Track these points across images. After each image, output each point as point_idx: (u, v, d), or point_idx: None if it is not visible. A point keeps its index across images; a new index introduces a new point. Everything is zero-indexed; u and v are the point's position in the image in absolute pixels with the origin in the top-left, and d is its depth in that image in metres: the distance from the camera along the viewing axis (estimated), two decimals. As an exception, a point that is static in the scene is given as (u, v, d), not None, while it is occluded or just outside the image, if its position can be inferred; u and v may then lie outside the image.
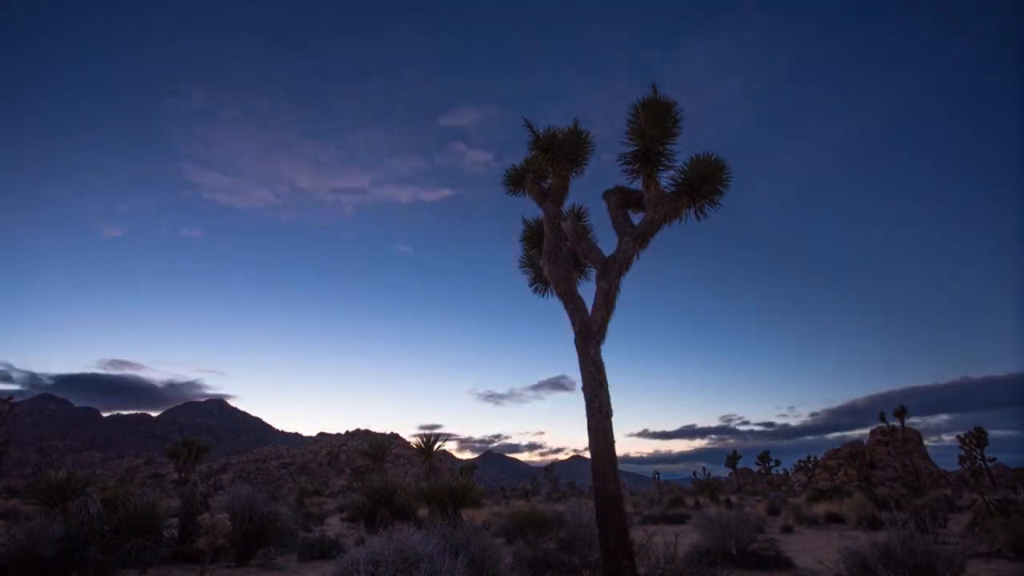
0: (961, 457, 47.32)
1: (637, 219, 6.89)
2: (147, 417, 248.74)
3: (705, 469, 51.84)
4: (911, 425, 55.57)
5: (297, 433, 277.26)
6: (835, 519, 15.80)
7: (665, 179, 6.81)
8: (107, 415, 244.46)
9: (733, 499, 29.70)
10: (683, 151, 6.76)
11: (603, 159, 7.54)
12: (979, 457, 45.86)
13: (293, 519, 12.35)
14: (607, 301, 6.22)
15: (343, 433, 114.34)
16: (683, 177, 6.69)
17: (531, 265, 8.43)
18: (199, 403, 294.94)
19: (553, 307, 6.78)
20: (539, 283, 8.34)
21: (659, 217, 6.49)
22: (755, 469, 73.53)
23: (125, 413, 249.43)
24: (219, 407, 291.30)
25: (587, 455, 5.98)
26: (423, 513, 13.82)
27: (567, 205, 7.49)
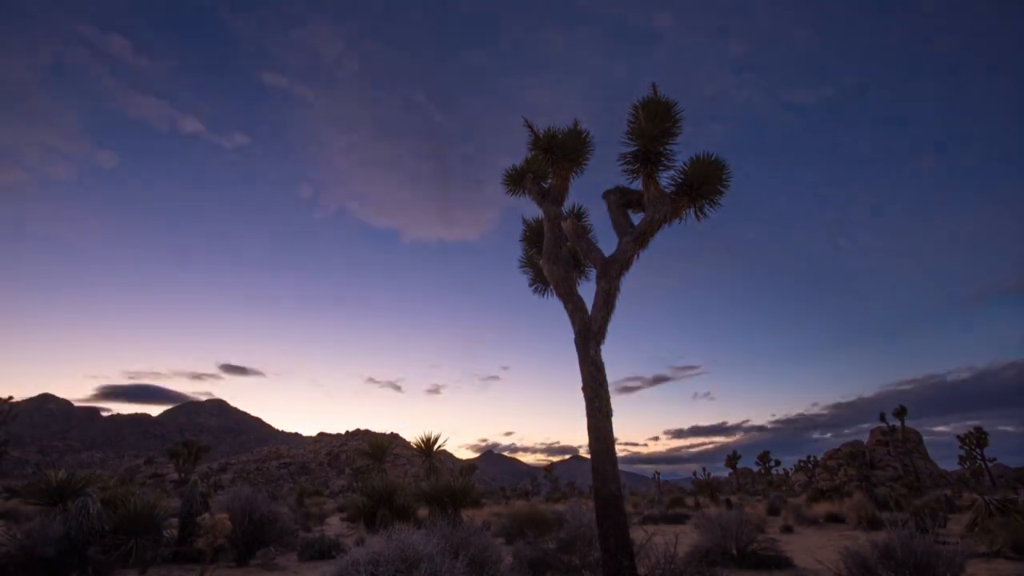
0: (961, 457, 47.33)
1: (637, 219, 6.89)
2: (147, 417, 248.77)
3: (705, 469, 51.85)
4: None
5: (297, 433, 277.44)
6: (835, 519, 15.79)
7: (665, 179, 6.81)
8: (107, 415, 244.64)
9: (733, 499, 29.70)
10: (683, 151, 6.77)
11: (603, 159, 7.52)
12: (979, 457, 45.86)
13: (293, 519, 12.37)
14: (607, 301, 6.22)
15: (343, 433, 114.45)
16: (683, 177, 6.69)
17: (531, 265, 8.43)
18: (199, 403, 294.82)
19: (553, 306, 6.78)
20: (539, 283, 8.35)
21: (659, 217, 6.49)
22: (755, 469, 73.57)
23: (125, 413, 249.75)
24: (219, 407, 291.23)
25: (587, 455, 5.98)
26: (423, 513, 13.82)
27: (567, 205, 7.50)
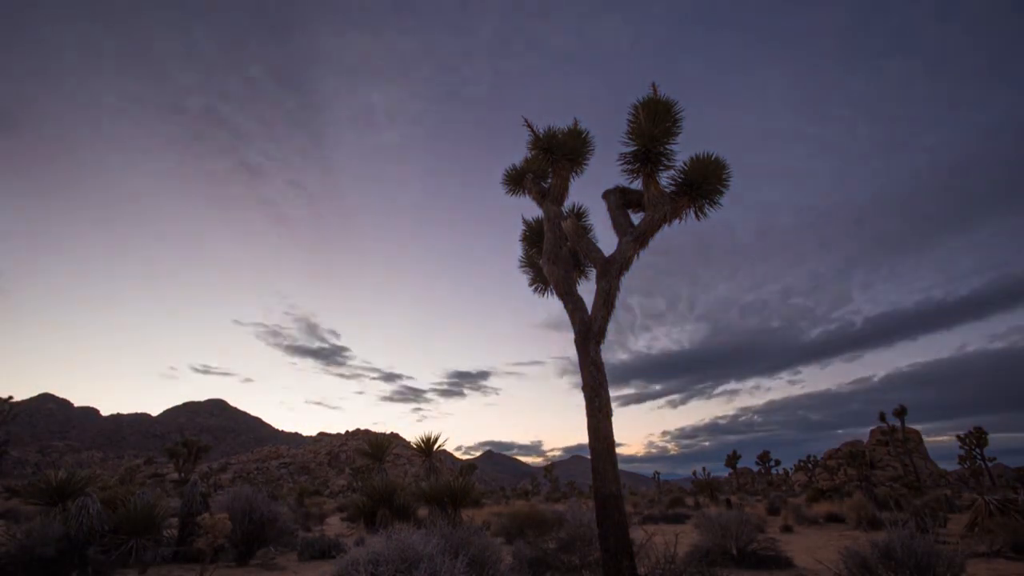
0: (961, 457, 47.30)
1: (637, 219, 6.88)
2: (147, 417, 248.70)
3: (705, 469, 51.84)
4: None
5: (297, 433, 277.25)
6: (835, 519, 15.79)
7: (665, 179, 6.81)
8: (107, 415, 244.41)
9: (733, 499, 29.69)
10: (683, 150, 6.77)
11: (603, 158, 7.52)
12: (979, 457, 45.84)
13: (293, 519, 12.38)
14: (607, 301, 6.22)
15: (343, 433, 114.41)
16: (683, 177, 6.68)
17: (531, 265, 8.43)
18: (199, 403, 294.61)
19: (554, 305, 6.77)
20: (539, 283, 8.34)
21: (659, 217, 6.48)
22: (755, 469, 73.58)
23: (125, 413, 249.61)
24: (219, 407, 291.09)
25: (587, 455, 5.98)
26: (423, 513, 13.82)
27: (567, 205, 7.49)
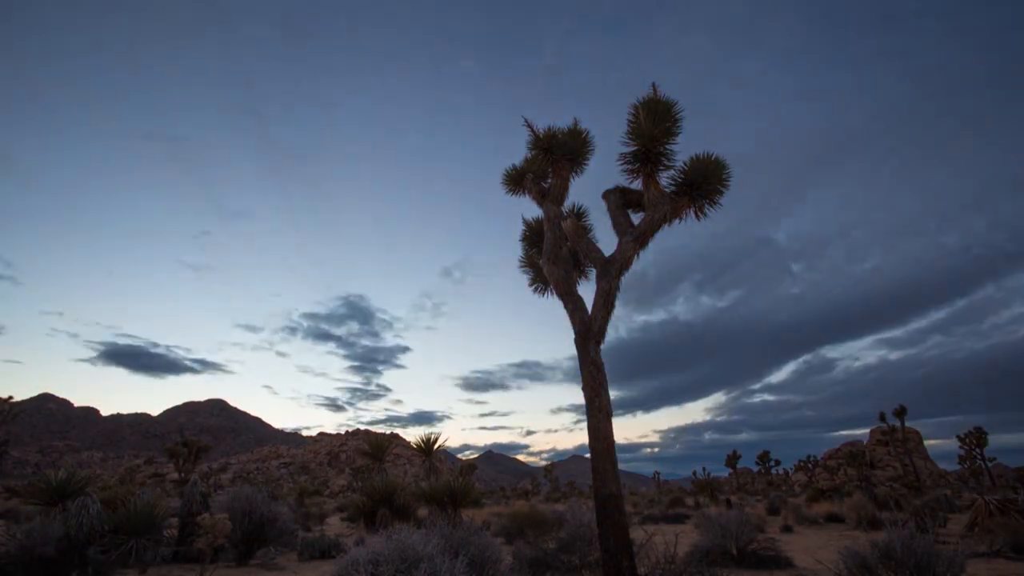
0: (961, 457, 47.31)
1: (637, 219, 6.88)
2: (147, 417, 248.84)
3: (705, 469, 51.89)
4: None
5: (297, 433, 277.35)
6: (835, 519, 15.79)
7: (665, 179, 6.80)
8: (107, 415, 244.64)
9: (733, 499, 29.70)
10: (683, 150, 6.77)
11: (603, 158, 7.53)
12: (979, 457, 45.85)
13: (293, 519, 12.35)
14: (607, 301, 6.22)
15: (343, 433, 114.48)
16: (683, 177, 6.68)
17: (531, 265, 8.42)
18: (199, 403, 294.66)
19: (554, 306, 6.78)
20: (539, 283, 8.34)
21: (659, 217, 6.48)
22: (755, 469, 73.59)
23: (125, 413, 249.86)
24: (219, 407, 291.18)
25: (587, 455, 5.98)
26: (423, 513, 13.83)
27: (567, 205, 7.49)
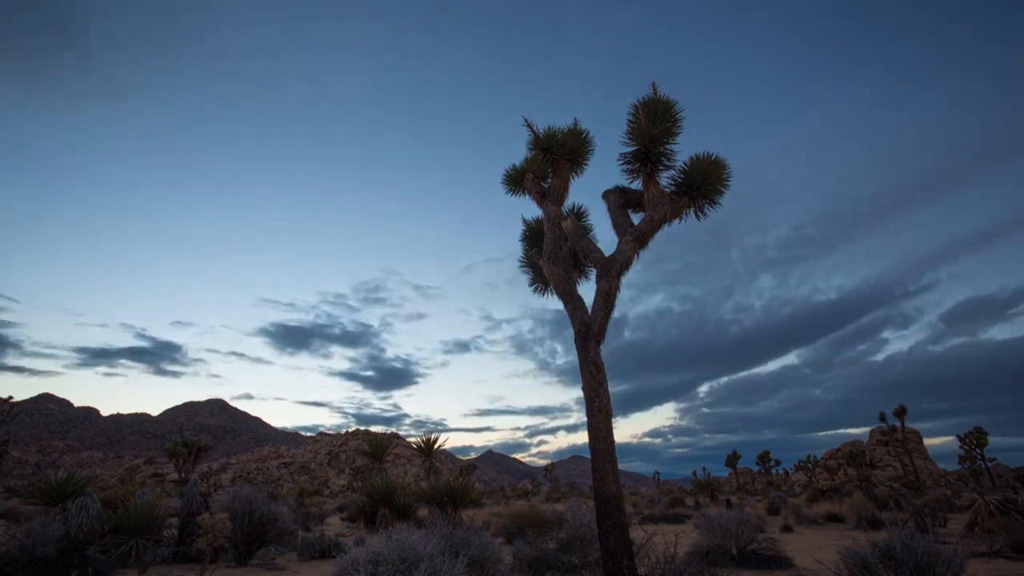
0: (961, 457, 47.30)
1: (637, 219, 6.88)
2: (147, 417, 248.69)
3: (705, 469, 51.89)
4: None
5: (297, 433, 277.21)
6: (835, 519, 15.79)
7: (665, 179, 6.80)
8: (107, 415, 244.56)
9: (733, 499, 29.68)
10: (683, 150, 6.76)
11: (603, 158, 7.53)
12: (979, 457, 45.83)
13: (293, 519, 12.37)
14: (607, 301, 6.21)
15: (343, 433, 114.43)
16: (683, 177, 6.68)
17: (531, 265, 8.42)
18: (199, 403, 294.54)
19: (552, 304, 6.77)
20: (539, 283, 8.34)
21: (659, 217, 6.47)
22: (755, 469, 73.59)
23: (125, 413, 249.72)
24: (219, 407, 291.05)
25: (587, 454, 5.98)
26: (423, 513, 13.83)
27: (567, 205, 7.48)
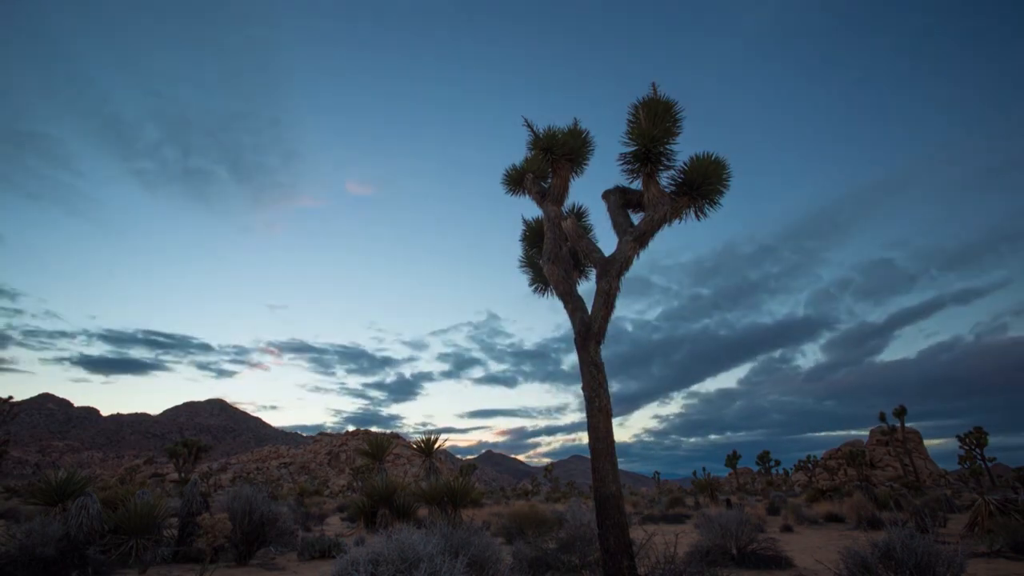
0: (961, 457, 47.32)
1: (637, 219, 6.88)
2: (147, 417, 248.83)
3: (705, 469, 51.92)
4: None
5: (297, 433, 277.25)
6: (835, 519, 15.80)
7: (665, 179, 6.80)
8: (107, 415, 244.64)
9: (733, 499, 29.70)
10: (683, 150, 6.76)
11: (603, 158, 7.53)
12: (979, 457, 45.85)
13: (293, 519, 12.36)
14: (607, 301, 6.21)
15: (343, 433, 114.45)
16: (683, 177, 6.68)
17: (531, 265, 8.42)
18: (199, 403, 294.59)
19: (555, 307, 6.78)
20: (539, 283, 8.34)
21: (659, 217, 6.47)
22: (755, 469, 73.62)
23: (125, 413, 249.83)
24: (219, 407, 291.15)
25: (587, 454, 5.98)
26: (423, 513, 13.83)
27: (567, 205, 7.48)
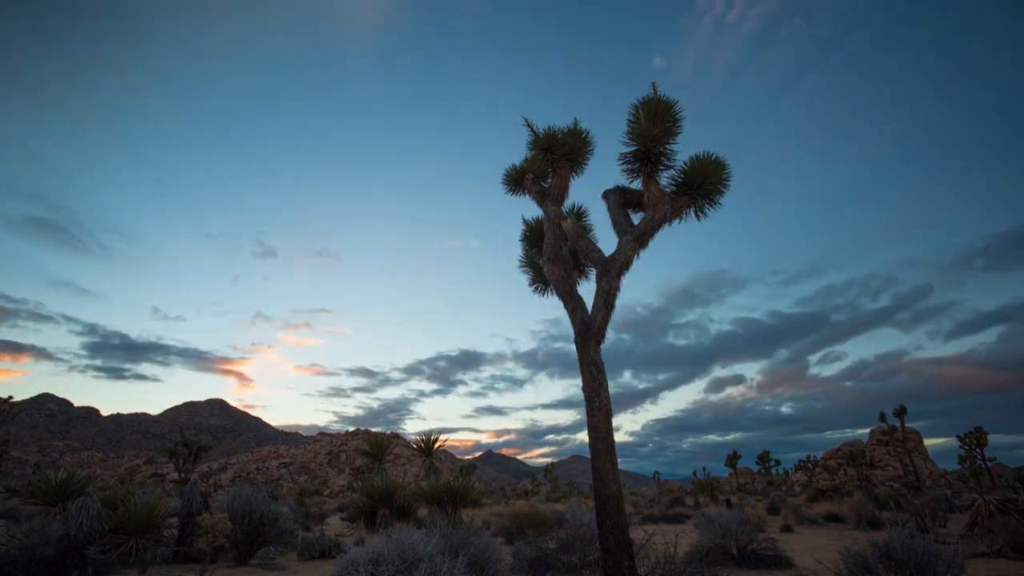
0: (961, 457, 47.30)
1: (637, 219, 6.87)
2: (147, 417, 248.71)
3: (705, 469, 51.88)
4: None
5: (297, 433, 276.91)
6: (835, 519, 15.79)
7: (665, 179, 6.80)
8: (107, 415, 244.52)
9: (733, 499, 29.68)
10: (683, 150, 6.75)
11: (603, 158, 7.52)
12: (979, 457, 45.84)
13: (293, 519, 12.35)
14: (607, 301, 6.21)
15: (343, 433, 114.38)
16: (683, 176, 6.67)
17: (531, 265, 8.41)
18: (199, 403, 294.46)
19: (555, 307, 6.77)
20: (539, 283, 8.33)
21: (659, 217, 6.47)
22: (755, 469, 73.56)
23: (125, 413, 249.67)
24: (219, 407, 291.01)
25: (587, 454, 5.97)
26: (423, 513, 13.82)
27: (567, 205, 7.48)
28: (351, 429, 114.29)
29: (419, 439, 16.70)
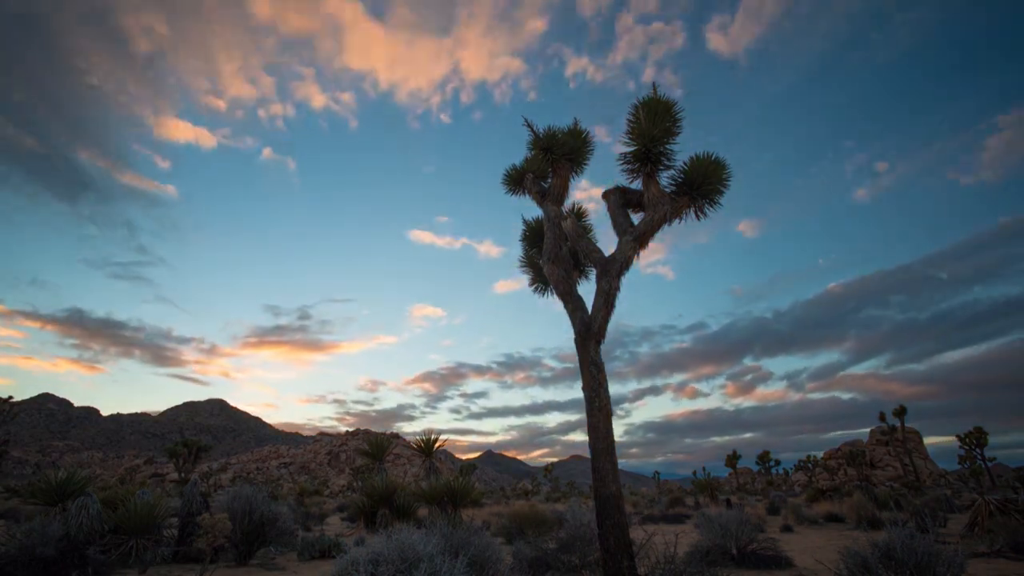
0: (961, 457, 47.30)
1: (637, 219, 6.88)
2: (147, 417, 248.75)
3: (705, 469, 51.88)
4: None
5: (297, 433, 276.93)
6: (835, 519, 15.79)
7: (665, 179, 6.80)
8: (107, 415, 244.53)
9: (733, 499, 29.69)
10: (683, 150, 6.76)
11: (603, 158, 7.54)
12: (979, 457, 45.84)
13: (293, 519, 12.35)
14: (607, 301, 6.21)
15: (343, 433, 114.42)
16: (683, 176, 6.68)
17: (531, 265, 8.42)
18: (199, 403, 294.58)
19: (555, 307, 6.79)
20: (539, 283, 8.34)
21: (659, 217, 6.47)
22: (755, 469, 73.59)
23: (125, 413, 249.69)
24: (219, 407, 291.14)
25: (587, 454, 5.98)
26: (423, 513, 13.82)
27: (567, 205, 7.49)
28: (351, 429, 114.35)
29: (419, 439, 16.69)
